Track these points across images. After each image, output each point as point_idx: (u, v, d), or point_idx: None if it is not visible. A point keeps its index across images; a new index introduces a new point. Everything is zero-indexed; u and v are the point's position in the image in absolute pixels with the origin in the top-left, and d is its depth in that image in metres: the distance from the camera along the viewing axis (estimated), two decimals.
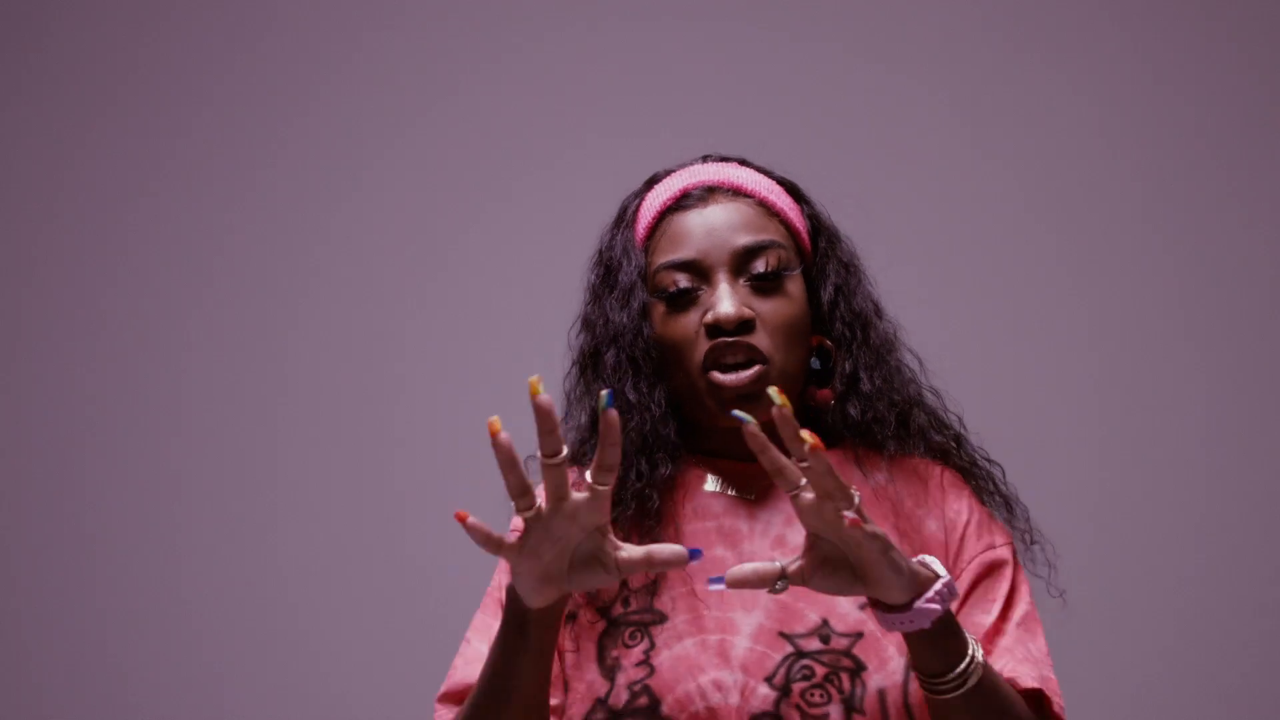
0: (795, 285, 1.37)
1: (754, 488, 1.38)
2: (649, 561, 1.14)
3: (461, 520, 1.10)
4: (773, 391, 1.12)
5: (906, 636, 1.20)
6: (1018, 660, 1.31)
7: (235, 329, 2.92)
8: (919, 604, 1.16)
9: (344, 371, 2.89)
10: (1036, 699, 1.30)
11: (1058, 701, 1.31)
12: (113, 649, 3.12)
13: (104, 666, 3.11)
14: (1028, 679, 1.30)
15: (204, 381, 2.93)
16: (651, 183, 1.44)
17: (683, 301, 1.35)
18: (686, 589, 1.33)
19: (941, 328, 2.24)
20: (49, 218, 2.99)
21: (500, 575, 1.39)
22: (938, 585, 1.17)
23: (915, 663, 1.22)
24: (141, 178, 2.95)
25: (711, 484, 1.38)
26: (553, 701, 1.33)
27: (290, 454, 2.92)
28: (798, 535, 1.34)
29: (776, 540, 1.35)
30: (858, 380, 1.38)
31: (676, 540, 1.33)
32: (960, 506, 1.38)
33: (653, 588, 1.33)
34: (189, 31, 2.97)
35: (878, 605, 1.18)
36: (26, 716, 3.18)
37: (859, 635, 1.31)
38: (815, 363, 1.40)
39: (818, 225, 1.44)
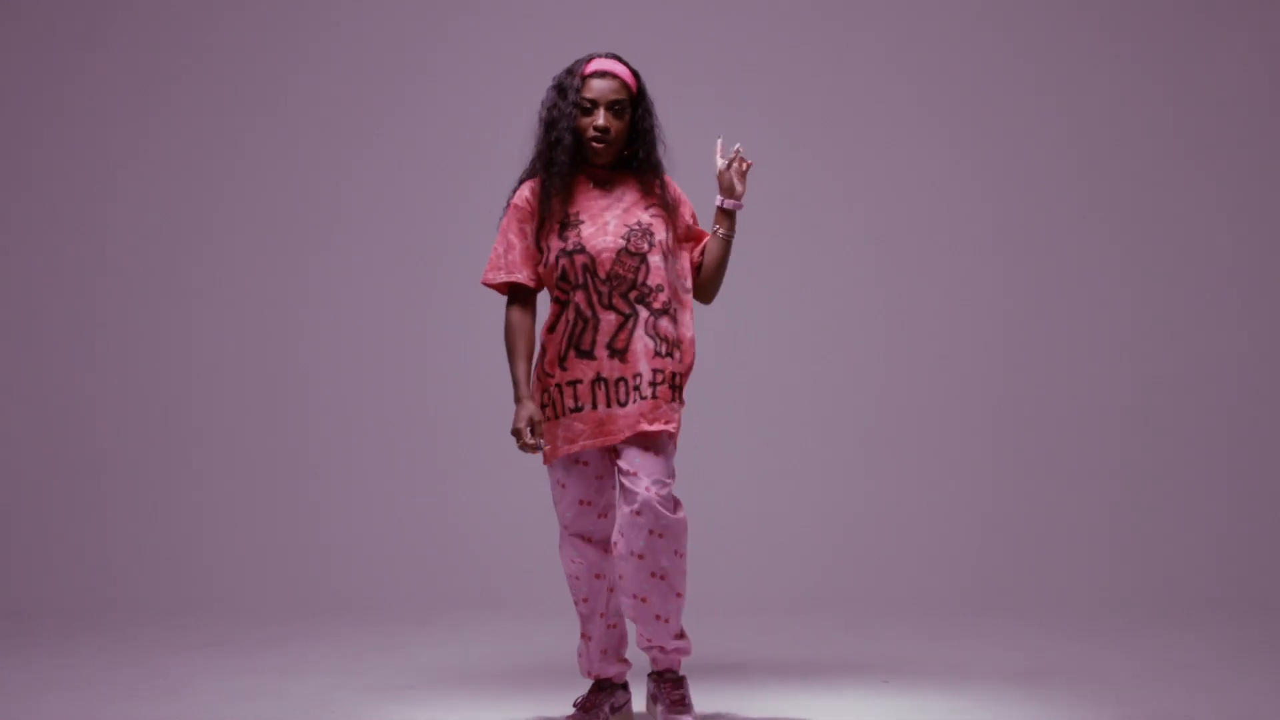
0: (626, 114, 3.57)
1: (610, 182, 3.60)
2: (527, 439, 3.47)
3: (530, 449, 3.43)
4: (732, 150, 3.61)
5: (727, 214, 3.61)
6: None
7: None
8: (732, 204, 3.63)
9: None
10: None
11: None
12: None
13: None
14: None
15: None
16: (587, 60, 3.56)
17: (589, 112, 3.53)
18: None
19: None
20: None
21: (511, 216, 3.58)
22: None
23: (723, 229, 3.61)
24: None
25: (586, 184, 3.60)
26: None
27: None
28: (634, 212, 3.56)
29: (626, 210, 3.56)
30: (636, 140, 3.59)
31: (579, 201, 3.58)
32: (677, 194, 3.65)
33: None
34: None
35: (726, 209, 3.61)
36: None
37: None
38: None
39: (640, 89, 3.60)
